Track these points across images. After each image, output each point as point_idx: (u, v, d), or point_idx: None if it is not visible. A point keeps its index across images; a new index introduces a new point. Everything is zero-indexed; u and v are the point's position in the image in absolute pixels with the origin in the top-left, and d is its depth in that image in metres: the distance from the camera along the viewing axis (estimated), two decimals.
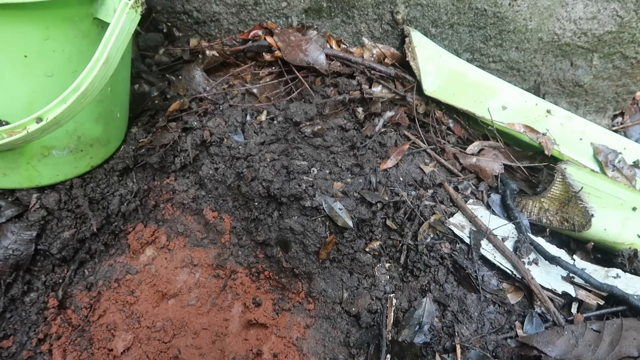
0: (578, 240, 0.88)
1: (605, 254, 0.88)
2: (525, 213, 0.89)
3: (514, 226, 0.86)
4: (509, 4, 1.00)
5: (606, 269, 0.81)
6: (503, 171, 0.95)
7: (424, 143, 1.03)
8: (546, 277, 0.80)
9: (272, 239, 0.94)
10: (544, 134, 0.95)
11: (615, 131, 1.11)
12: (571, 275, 0.79)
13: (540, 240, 0.84)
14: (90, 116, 0.80)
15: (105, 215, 0.92)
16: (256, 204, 0.95)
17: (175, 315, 0.93)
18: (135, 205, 0.96)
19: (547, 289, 0.79)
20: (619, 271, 0.80)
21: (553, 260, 0.79)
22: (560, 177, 0.86)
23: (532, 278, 0.78)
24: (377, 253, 0.90)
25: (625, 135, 1.13)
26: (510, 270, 0.81)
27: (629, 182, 0.89)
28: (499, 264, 0.82)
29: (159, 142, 0.95)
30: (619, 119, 1.17)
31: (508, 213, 0.89)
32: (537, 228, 0.91)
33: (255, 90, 1.09)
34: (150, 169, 0.99)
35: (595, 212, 0.82)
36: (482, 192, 0.95)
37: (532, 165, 0.97)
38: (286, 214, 0.93)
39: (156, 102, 1.02)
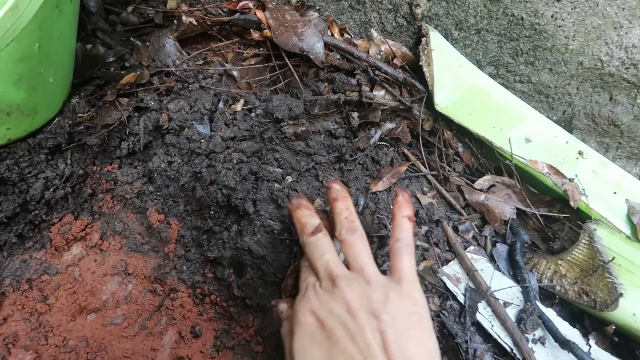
0: (596, 318, 0.72)
1: (626, 340, 0.72)
2: (536, 274, 0.73)
3: (520, 289, 0.70)
4: (552, 16, 0.83)
5: None
6: (515, 217, 0.79)
7: (425, 167, 0.86)
8: None
9: (226, 258, 0.77)
10: (571, 180, 0.78)
11: None
12: None
13: (550, 313, 0.68)
14: (6, 77, 0.62)
15: (22, 201, 0.74)
16: (212, 212, 0.77)
17: (93, 334, 0.76)
18: (65, 192, 0.78)
19: None
20: None
21: (565, 345, 0.62)
22: (587, 239, 0.70)
23: None
24: None
25: None
26: (510, 347, 0.65)
27: None
28: (496, 336, 0.66)
29: (102, 120, 0.77)
30: None
31: (515, 272, 0.72)
32: (546, 293, 0.74)
33: (235, 73, 0.91)
34: (91, 151, 0.80)
35: (624, 290, 0.66)
36: (486, 238, 0.79)
37: (550, 215, 0.80)
38: (247, 230, 0.75)
39: (111, 69, 0.83)
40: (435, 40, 0.86)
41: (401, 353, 0.45)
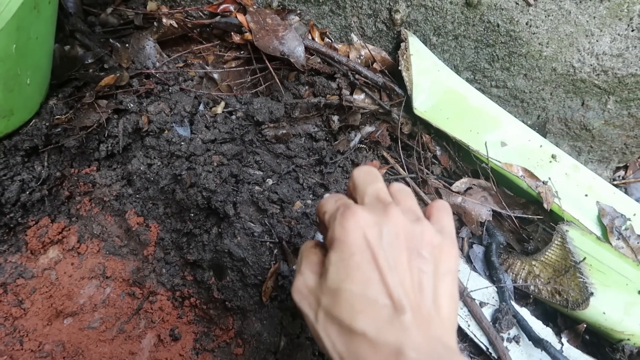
0: (568, 317, 0.74)
1: (597, 338, 0.75)
2: (511, 275, 0.75)
3: (495, 290, 0.72)
4: (527, 23, 0.85)
5: None
6: (491, 219, 0.80)
7: (404, 170, 0.87)
8: None
9: (206, 260, 0.77)
10: (545, 183, 0.80)
11: (616, 185, 0.98)
12: None
13: (524, 313, 0.70)
14: None
15: None
16: (192, 215, 0.77)
17: (70, 338, 0.75)
18: (42, 195, 0.76)
19: None
20: None
21: (539, 343, 0.64)
22: (559, 240, 0.72)
23: None
24: None
25: (626, 192, 1.00)
26: (486, 346, 0.66)
27: (634, 255, 0.75)
28: (472, 336, 0.67)
29: (80, 122, 0.76)
30: (622, 172, 1.04)
31: (491, 272, 0.74)
32: (520, 293, 0.76)
33: (216, 76, 0.91)
34: (68, 153, 0.79)
35: (595, 290, 0.68)
36: (463, 239, 0.80)
37: (525, 216, 0.82)
38: (227, 232, 0.75)
39: (90, 71, 0.82)
40: (414, 45, 0.87)
41: (432, 299, 0.45)
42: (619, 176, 1.04)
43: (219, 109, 0.86)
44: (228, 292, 0.75)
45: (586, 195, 0.81)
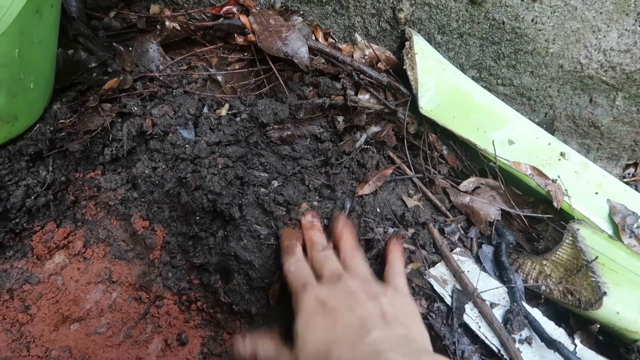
0: (581, 317, 0.73)
1: (611, 339, 0.73)
2: (522, 275, 0.74)
3: (506, 290, 0.71)
4: (532, 20, 0.84)
5: None
6: (500, 218, 0.79)
7: (411, 170, 0.86)
8: None
9: (212, 264, 0.76)
10: (554, 181, 0.79)
11: (626, 183, 0.96)
12: None
13: (536, 313, 0.69)
14: None
15: (3, 209, 0.72)
16: (198, 218, 0.77)
17: (77, 344, 0.74)
18: (47, 200, 0.76)
19: None
20: None
21: (551, 344, 0.63)
22: (570, 239, 0.71)
23: None
24: None
25: (637, 189, 0.98)
26: (497, 348, 0.65)
27: None
28: (483, 337, 0.66)
29: (84, 126, 0.76)
30: (632, 169, 1.02)
31: (501, 272, 0.73)
32: (531, 293, 0.75)
33: (219, 78, 0.90)
34: (73, 158, 0.79)
35: (608, 289, 0.67)
36: (472, 239, 0.79)
37: (534, 215, 0.81)
38: (233, 235, 0.75)
39: (93, 75, 0.82)
40: (419, 44, 0.87)
41: (397, 321, 0.51)
42: (629, 173, 1.03)
43: (223, 111, 0.85)
44: (235, 295, 0.75)
45: (596, 193, 0.80)
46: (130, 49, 0.88)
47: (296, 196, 0.79)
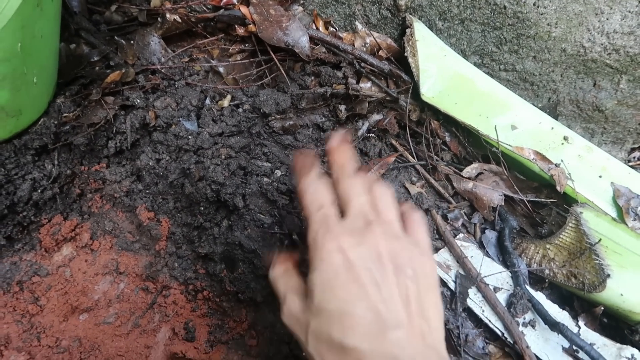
0: (584, 300, 0.73)
1: (615, 321, 0.73)
2: (525, 259, 0.74)
3: (509, 274, 0.71)
4: (534, 4, 0.83)
5: (618, 345, 0.66)
6: (503, 203, 0.79)
7: (414, 157, 0.86)
8: (544, 345, 0.65)
9: (217, 253, 0.77)
10: (557, 165, 0.79)
11: (632, 167, 0.96)
12: (575, 348, 0.63)
13: (540, 297, 0.69)
14: None
15: (10, 202, 0.73)
16: (202, 208, 0.77)
17: (86, 334, 0.76)
18: (53, 193, 0.77)
19: None
20: (635, 351, 0.65)
21: (555, 326, 0.63)
22: (573, 222, 0.71)
23: (527, 346, 0.63)
24: None
25: None
26: (501, 331, 0.66)
27: None
28: (487, 321, 0.67)
29: (88, 119, 0.77)
30: (637, 153, 1.02)
31: (504, 257, 0.73)
32: (535, 277, 0.75)
33: (221, 69, 0.91)
34: (78, 151, 0.80)
35: (612, 272, 0.67)
36: (475, 225, 0.79)
37: (537, 200, 0.81)
38: (237, 225, 0.76)
39: (95, 68, 0.83)
40: (420, 31, 0.86)
41: (420, 311, 0.46)
42: (634, 157, 1.02)
43: (226, 102, 0.86)
44: (240, 284, 0.75)
45: (600, 177, 0.80)
46: (132, 42, 0.88)
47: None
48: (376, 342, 0.42)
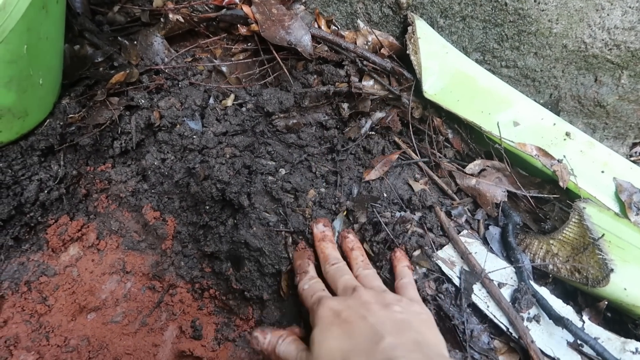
0: (588, 294, 0.73)
1: (619, 315, 0.74)
2: (529, 255, 0.74)
3: (514, 270, 0.71)
4: (535, 0, 0.84)
5: (622, 339, 0.66)
6: (506, 199, 0.80)
7: (417, 154, 0.87)
8: (548, 340, 0.65)
9: (223, 252, 0.77)
10: (559, 161, 0.80)
11: (634, 162, 0.96)
12: (580, 342, 0.64)
13: (544, 292, 0.69)
14: None
15: (17, 203, 0.74)
16: (207, 207, 0.78)
17: (94, 333, 0.76)
18: (60, 194, 0.78)
19: (549, 357, 0.64)
20: (639, 345, 0.65)
21: (559, 321, 0.64)
22: (576, 217, 0.71)
23: (532, 341, 0.63)
24: None
25: None
26: (506, 326, 0.66)
27: None
28: (492, 316, 0.67)
29: (93, 120, 0.77)
30: (639, 148, 1.02)
31: (508, 253, 0.74)
32: (539, 272, 0.76)
33: (224, 69, 0.91)
34: (83, 151, 0.81)
35: (615, 266, 0.67)
36: (478, 221, 0.80)
37: (540, 196, 0.82)
38: (243, 223, 0.76)
39: (100, 69, 0.83)
40: (421, 28, 0.87)
41: (412, 328, 0.52)
42: (636, 152, 1.02)
43: (229, 102, 0.86)
44: (246, 282, 0.76)
45: (602, 172, 0.80)
46: (135, 42, 0.89)
47: (303, 183, 0.80)
48: (372, 354, 0.48)
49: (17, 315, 0.74)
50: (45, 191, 0.76)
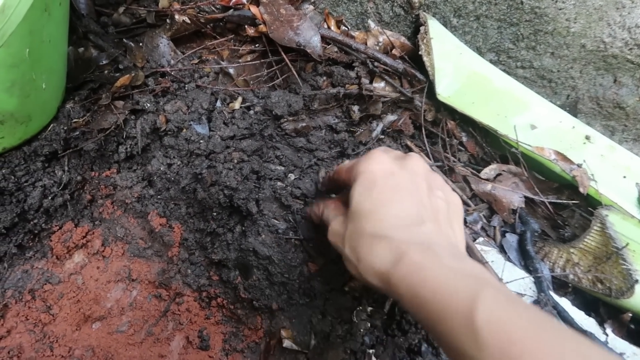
0: (611, 306, 0.71)
1: None
2: (548, 264, 0.71)
3: (532, 280, 0.69)
4: None
5: None
6: (523, 205, 0.77)
7: (430, 158, 0.84)
8: None
9: (231, 259, 0.75)
10: (579, 166, 0.77)
11: None
12: None
13: (564, 303, 0.67)
14: None
15: (21, 210, 0.72)
16: (215, 214, 0.76)
17: (99, 343, 0.74)
18: (64, 200, 0.76)
19: None
20: None
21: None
22: (598, 225, 0.68)
23: None
24: (358, 294, 0.72)
25: None
26: None
27: None
28: None
29: (97, 124, 0.75)
30: None
31: (527, 262, 0.71)
32: (559, 282, 0.73)
33: (231, 71, 0.89)
34: (88, 157, 0.79)
35: None
36: (495, 228, 0.77)
37: (559, 202, 0.79)
38: (251, 230, 0.74)
39: (105, 72, 0.81)
40: (434, 28, 0.84)
41: (447, 223, 0.51)
42: None
43: (237, 105, 0.84)
44: (255, 291, 0.74)
45: (624, 177, 0.77)
46: (141, 44, 0.87)
47: (313, 189, 0.77)
48: (408, 232, 0.46)
49: (21, 324, 0.73)
50: (49, 197, 0.75)
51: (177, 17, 0.86)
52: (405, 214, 0.48)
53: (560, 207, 0.80)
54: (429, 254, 0.43)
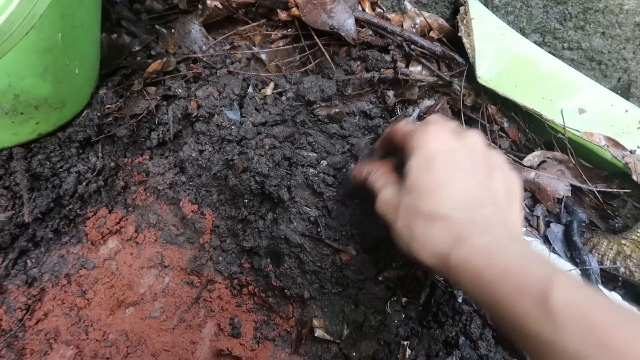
0: None
1: None
2: (597, 256, 0.67)
3: (579, 273, 0.64)
4: None
5: None
6: (569, 194, 0.73)
7: None
8: None
9: (262, 247, 0.74)
10: (632, 152, 0.71)
11: None
12: None
13: (615, 297, 0.62)
14: (31, 69, 0.60)
15: (56, 195, 0.73)
16: (246, 201, 0.75)
17: (132, 328, 0.75)
18: (98, 186, 0.76)
19: None
20: None
21: None
22: None
23: None
24: (392, 285, 0.70)
25: None
26: None
27: None
28: None
29: (130, 110, 0.75)
30: None
31: (573, 253, 0.67)
32: (608, 275, 0.69)
33: (263, 56, 0.87)
34: (121, 143, 0.79)
35: None
36: (538, 218, 0.73)
37: (609, 191, 0.74)
38: (283, 218, 0.72)
39: (137, 58, 0.81)
40: (475, 8, 0.80)
41: (507, 205, 0.49)
42: None
43: (269, 90, 0.82)
44: (286, 279, 0.73)
45: None
46: (173, 30, 0.86)
47: (360, 148, 0.75)
48: (467, 213, 0.45)
49: (57, 308, 0.74)
50: (84, 183, 0.75)
51: (209, 2, 0.85)
52: (464, 195, 0.47)
53: (610, 197, 0.75)
54: (491, 237, 0.43)
